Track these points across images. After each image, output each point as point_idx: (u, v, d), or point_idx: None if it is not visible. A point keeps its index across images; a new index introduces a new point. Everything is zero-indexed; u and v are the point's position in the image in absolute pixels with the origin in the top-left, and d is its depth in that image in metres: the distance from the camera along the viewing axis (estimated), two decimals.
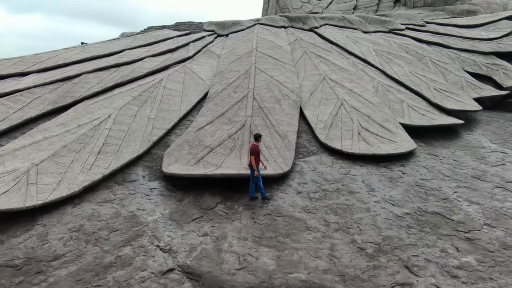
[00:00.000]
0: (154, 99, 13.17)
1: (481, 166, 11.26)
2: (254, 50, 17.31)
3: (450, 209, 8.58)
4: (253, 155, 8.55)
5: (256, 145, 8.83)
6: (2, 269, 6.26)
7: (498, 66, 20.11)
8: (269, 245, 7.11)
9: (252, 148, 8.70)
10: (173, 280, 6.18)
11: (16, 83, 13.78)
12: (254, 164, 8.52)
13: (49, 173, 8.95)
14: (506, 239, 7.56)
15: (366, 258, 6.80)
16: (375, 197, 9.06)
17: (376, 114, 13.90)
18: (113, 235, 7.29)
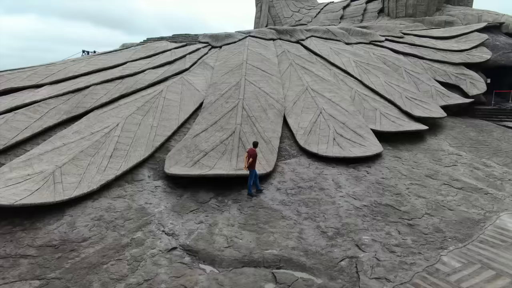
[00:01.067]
0: (155, 109, 15.03)
1: (436, 167, 13.27)
2: (245, 63, 19.21)
3: (400, 202, 10.56)
4: (252, 158, 10.52)
5: (254, 150, 10.79)
6: (44, 248, 8.10)
7: (466, 75, 22.23)
8: (251, 229, 9.02)
9: (251, 152, 10.67)
10: (176, 256, 8.06)
11: (33, 95, 15.56)
12: (252, 164, 10.52)
13: (71, 174, 10.78)
14: (439, 224, 9.54)
15: (326, 239, 8.74)
16: (341, 192, 11.01)
17: (351, 121, 15.88)
18: (127, 223, 9.15)
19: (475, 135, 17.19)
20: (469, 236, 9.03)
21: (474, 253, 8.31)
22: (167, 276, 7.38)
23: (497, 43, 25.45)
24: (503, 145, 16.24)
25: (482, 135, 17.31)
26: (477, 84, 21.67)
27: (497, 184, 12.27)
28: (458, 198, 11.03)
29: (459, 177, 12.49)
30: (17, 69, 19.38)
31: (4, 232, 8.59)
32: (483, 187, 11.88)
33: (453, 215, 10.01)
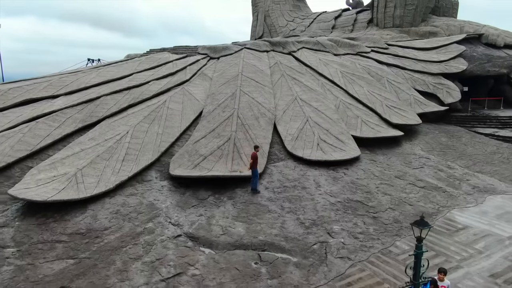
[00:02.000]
0: (160, 117, 16.96)
1: (405, 169, 15.24)
2: (240, 74, 21.17)
3: (369, 198, 12.51)
4: (253, 159, 12.49)
5: (255, 153, 12.77)
6: (73, 235, 9.99)
7: (443, 85, 24.26)
8: (242, 221, 10.95)
9: (252, 154, 12.64)
10: (181, 241, 9.97)
11: (50, 105, 17.46)
12: (253, 165, 12.47)
13: (90, 175, 12.68)
14: (399, 217, 11.49)
15: (303, 228, 10.67)
16: (319, 191, 12.95)
17: (334, 128, 17.84)
18: (140, 215, 11.06)
19: (446, 140, 19.17)
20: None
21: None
22: (174, 256, 9.30)
23: (474, 54, 27.49)
24: (469, 149, 18.23)
25: (452, 140, 19.30)
26: (452, 93, 23.69)
27: (455, 184, 14.24)
28: (419, 196, 12.99)
29: (423, 178, 14.45)
30: (32, 79, 21.33)
31: (40, 223, 10.49)
32: (443, 186, 13.85)
33: (411, 209, 11.97)
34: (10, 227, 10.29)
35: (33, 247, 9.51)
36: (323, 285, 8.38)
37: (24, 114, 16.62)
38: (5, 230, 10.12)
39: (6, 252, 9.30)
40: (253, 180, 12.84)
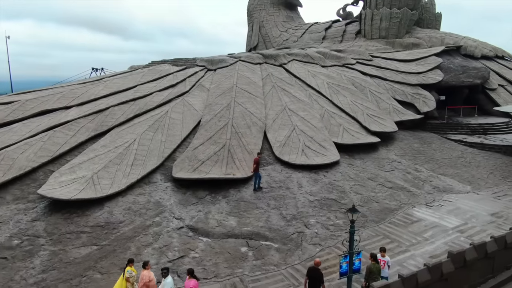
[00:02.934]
0: (163, 126, 19.12)
1: (377, 172, 17.46)
2: (235, 86, 23.38)
3: (342, 197, 14.71)
4: (255, 164, 14.68)
5: (257, 158, 15.00)
6: (94, 227, 12.12)
7: (420, 95, 26.56)
8: (234, 215, 13.11)
9: (255, 160, 15.00)
10: (183, 232, 12.12)
11: (65, 115, 19.58)
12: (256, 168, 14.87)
13: (104, 178, 14.81)
14: (366, 212, 13.67)
15: (285, 221, 12.85)
16: (301, 190, 15.13)
17: (318, 135, 20.06)
18: (148, 211, 13.20)
19: (418, 146, 21.43)
20: (383, 219, 13.21)
21: (382, 229, 12.47)
22: (178, 243, 11.45)
23: (451, 65, 29.84)
24: (437, 154, 20.48)
25: (424, 146, 21.55)
26: (428, 103, 25.99)
27: (419, 185, 16.48)
28: (385, 195, 15.21)
29: (392, 179, 16.67)
30: (43, 89, 23.51)
31: (65, 217, 12.61)
32: (407, 187, 16.08)
33: (377, 206, 14.18)
34: (41, 221, 12.41)
35: (62, 236, 11.64)
36: (297, 264, 10.56)
37: (42, 123, 18.74)
38: (37, 223, 12.24)
39: (41, 240, 11.42)
40: (255, 180, 15.09)
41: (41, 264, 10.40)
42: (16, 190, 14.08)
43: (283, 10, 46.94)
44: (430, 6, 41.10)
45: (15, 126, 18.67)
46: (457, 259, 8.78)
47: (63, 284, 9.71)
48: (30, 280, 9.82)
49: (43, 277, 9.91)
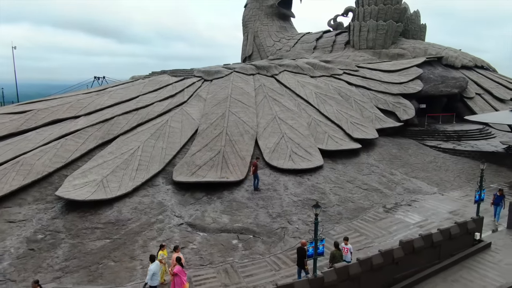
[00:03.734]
0: (164, 135, 21.10)
1: (356, 175, 19.53)
2: (229, 97, 25.42)
3: (322, 198, 16.74)
4: (254, 167, 16.69)
5: (255, 162, 16.99)
6: (106, 224, 14.06)
7: (401, 104, 28.73)
8: (227, 213, 15.11)
9: (253, 163, 17.08)
10: (183, 227, 14.09)
11: (74, 124, 21.52)
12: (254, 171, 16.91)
13: (113, 181, 16.76)
14: (342, 210, 15.70)
15: (271, 218, 14.86)
16: (287, 192, 17.15)
17: (304, 142, 22.11)
18: (152, 210, 15.16)
19: (396, 152, 23.53)
20: (356, 216, 15.26)
21: (354, 225, 14.52)
22: (179, 237, 13.43)
23: (431, 76, 32.06)
24: (412, 159, 22.59)
25: (401, 151, 23.66)
26: (408, 111, 28.15)
27: (392, 187, 18.56)
28: (361, 196, 17.27)
29: (368, 182, 18.74)
30: (50, 99, 25.44)
31: (81, 216, 14.55)
32: (381, 188, 18.15)
33: (352, 205, 16.23)
34: (60, 218, 14.35)
35: (79, 231, 13.59)
36: (279, 253, 12.57)
37: (54, 132, 20.67)
38: (57, 221, 14.19)
39: (61, 235, 13.36)
40: (254, 181, 17.10)
41: (63, 254, 12.35)
42: (36, 192, 16.02)
43: (276, 21, 49.14)
44: (415, 18, 43.44)
45: (30, 134, 20.58)
46: (406, 246, 10.82)
47: (83, 270, 11.67)
48: (55, 267, 11.77)
49: (66, 265, 11.86)
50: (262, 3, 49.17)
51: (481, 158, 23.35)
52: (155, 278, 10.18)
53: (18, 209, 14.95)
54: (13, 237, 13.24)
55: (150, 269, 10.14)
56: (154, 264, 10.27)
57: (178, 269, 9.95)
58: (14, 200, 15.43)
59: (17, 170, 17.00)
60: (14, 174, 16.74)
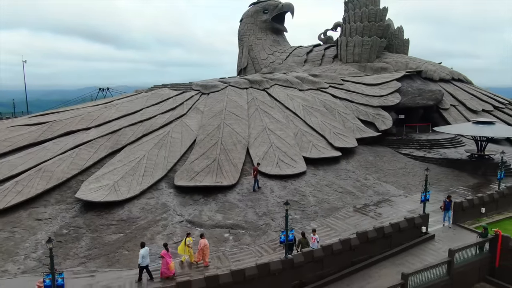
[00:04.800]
0: (166, 144, 23.91)
1: (334, 180, 22.38)
2: (224, 110, 28.29)
3: (302, 199, 19.57)
4: (255, 171, 19.54)
5: (256, 167, 19.82)
6: (119, 221, 16.82)
7: (380, 115, 31.68)
8: (221, 212, 17.90)
9: (254, 168, 19.97)
10: (183, 224, 16.87)
11: (86, 135, 24.30)
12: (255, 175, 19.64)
13: (123, 186, 19.53)
14: (318, 210, 18.53)
15: (257, 216, 17.66)
16: (272, 194, 19.95)
17: (290, 151, 24.97)
18: (157, 210, 17.93)
19: (372, 159, 26.41)
20: (329, 215, 18.10)
21: (327, 222, 17.35)
22: (180, 231, 16.21)
23: (410, 89, 35.08)
24: (385, 165, 25.48)
25: (376, 158, 26.54)
26: (386, 122, 31.10)
27: (364, 190, 21.41)
28: (336, 198, 20.11)
29: (344, 186, 21.59)
30: (62, 111, 28.25)
31: (97, 214, 17.29)
32: (354, 192, 21.00)
33: (327, 205, 19.07)
34: (80, 217, 17.10)
35: (97, 227, 16.35)
36: (262, 244, 15.38)
37: (69, 142, 23.45)
38: (78, 218, 16.94)
39: (82, 230, 16.11)
40: (254, 184, 20.10)
41: (85, 245, 15.11)
42: (57, 195, 18.77)
43: (270, 35, 52.27)
44: (398, 33, 46.61)
45: (47, 144, 23.36)
46: (361, 236, 13.65)
47: (103, 257, 14.43)
48: (80, 255, 14.52)
49: (89, 253, 14.62)
50: (257, 18, 52.33)
51: (447, 165, 26.33)
52: (144, 259, 12.91)
53: (43, 209, 17.70)
54: (42, 232, 15.99)
55: (140, 253, 12.90)
56: (143, 249, 12.97)
57: (164, 253, 12.79)
58: (39, 202, 18.18)
59: (40, 176, 19.77)
60: (38, 180, 19.50)
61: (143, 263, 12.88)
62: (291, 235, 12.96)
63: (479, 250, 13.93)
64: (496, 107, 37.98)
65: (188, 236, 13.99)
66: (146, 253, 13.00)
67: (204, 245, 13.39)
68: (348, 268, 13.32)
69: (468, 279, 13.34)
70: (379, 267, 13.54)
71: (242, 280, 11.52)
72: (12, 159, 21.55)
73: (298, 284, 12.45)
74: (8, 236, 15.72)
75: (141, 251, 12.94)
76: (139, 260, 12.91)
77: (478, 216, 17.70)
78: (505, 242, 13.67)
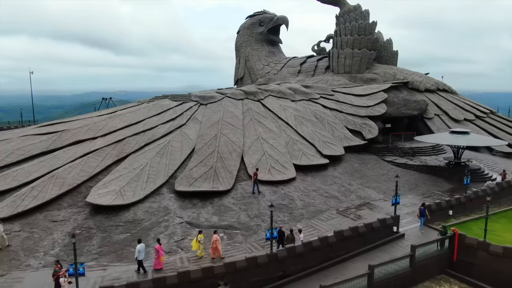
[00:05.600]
0: (167, 153, 26.00)
1: (321, 185, 24.48)
2: (221, 120, 30.44)
3: (291, 203, 21.65)
4: (255, 177, 21.61)
5: (256, 172, 21.92)
6: (126, 222, 18.82)
7: (366, 125, 33.88)
8: (217, 215, 19.96)
9: (254, 173, 22.07)
10: (183, 225, 18.92)
11: (93, 144, 26.37)
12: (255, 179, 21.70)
13: (128, 191, 21.57)
14: (304, 212, 20.61)
15: (249, 218, 19.73)
16: (264, 199, 22.02)
17: (282, 158, 27.09)
18: (159, 213, 19.97)
19: (357, 166, 28.55)
20: (314, 216, 20.18)
21: (311, 223, 19.44)
22: (180, 232, 18.26)
23: (395, 99, 37.33)
24: (369, 172, 27.61)
25: (361, 165, 28.68)
26: (372, 131, 33.29)
27: (347, 194, 23.51)
28: (321, 201, 22.21)
29: (329, 191, 23.69)
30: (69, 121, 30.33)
31: (106, 217, 19.32)
32: (338, 196, 23.10)
33: (313, 208, 21.16)
34: (90, 219, 19.13)
35: (106, 228, 18.38)
36: (253, 242, 17.43)
37: (78, 151, 25.51)
38: (88, 220, 18.97)
39: (93, 230, 18.14)
40: (254, 187, 22.31)
41: (97, 243, 17.14)
42: (69, 199, 20.81)
43: (266, 46, 54.66)
44: (388, 45, 49.11)
45: (58, 153, 25.42)
46: (338, 234, 15.73)
47: (113, 253, 16.46)
48: (93, 251, 16.55)
49: (101, 250, 16.65)
50: (253, 30, 54.76)
51: (426, 171, 28.48)
52: (140, 254, 14.96)
53: (57, 212, 19.74)
54: (58, 232, 18.02)
55: (137, 248, 14.94)
56: (139, 245, 15.02)
57: (158, 247, 14.88)
58: (53, 205, 20.21)
59: (53, 182, 21.82)
60: (51, 186, 21.55)
61: (139, 257, 14.92)
62: (275, 233, 15.03)
63: (440, 246, 16.00)
64: (478, 116, 40.26)
65: (200, 234, 16.13)
66: (142, 249, 15.04)
67: (216, 240, 15.55)
68: (326, 262, 15.37)
69: (429, 271, 15.37)
70: (354, 262, 15.60)
71: (234, 271, 13.56)
72: (26, 166, 23.60)
73: (282, 275, 14.49)
74: (27, 235, 17.75)
75: (138, 246, 14.99)
76: (135, 254, 14.95)
77: (447, 217, 19.80)
78: (461, 239, 15.74)
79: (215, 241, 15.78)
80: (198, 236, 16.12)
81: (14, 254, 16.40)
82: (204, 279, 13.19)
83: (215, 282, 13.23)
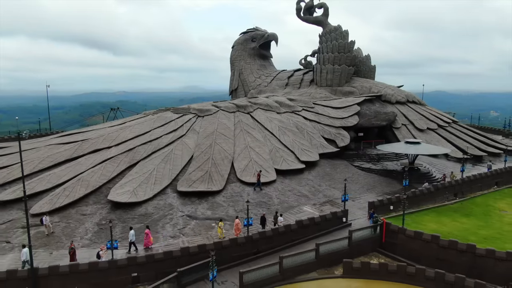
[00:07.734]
0: (170, 160, 31.58)
1: (296, 187, 30.12)
2: (215, 131, 36.04)
3: (269, 200, 27.27)
4: (258, 177, 27.36)
5: (259, 173, 27.54)
6: (139, 215, 24.41)
7: (340, 134, 39.53)
8: (210, 210, 25.57)
9: (258, 174, 27.72)
10: (184, 217, 24.52)
11: (109, 153, 31.94)
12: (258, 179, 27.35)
13: (140, 191, 27.14)
14: (279, 208, 26.26)
15: (236, 212, 25.32)
16: (248, 197, 27.61)
17: (265, 164, 32.69)
18: (165, 208, 25.54)
19: (329, 170, 34.16)
20: (286, 211, 25.81)
21: (284, 215, 25.07)
22: (182, 222, 23.89)
23: (367, 111, 42.99)
24: (337, 175, 33.22)
25: (332, 170, 34.29)
26: (344, 139, 38.93)
27: (316, 193, 29.13)
28: (293, 199, 27.84)
29: (301, 191, 29.31)
30: (84, 131, 35.88)
31: (123, 212, 24.88)
32: (308, 195, 28.72)
33: (286, 205, 26.80)
34: (112, 213, 24.71)
35: (125, 219, 23.96)
36: None
37: (97, 158, 31.09)
38: (111, 214, 24.55)
39: (115, 221, 23.71)
40: (256, 185, 27.76)
41: (119, 231, 22.73)
42: (94, 198, 26.38)
43: (257, 60, 60.30)
44: (366, 60, 54.74)
45: (80, 160, 30.98)
46: (299, 223, 21.35)
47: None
48: (116, 236, 22.13)
49: (122, 235, 22.25)
50: (246, 45, 60.37)
51: (384, 175, 34.11)
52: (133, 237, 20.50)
53: (85, 207, 25.31)
54: (87, 223, 23.60)
55: (130, 233, 20.51)
56: (131, 231, 20.60)
57: (147, 231, 20.47)
58: (82, 203, 25.78)
59: (80, 184, 27.41)
60: (79, 187, 27.14)
61: (132, 239, 20.52)
62: (251, 221, 20.65)
63: (373, 231, 21.59)
64: (440, 126, 45.97)
65: (221, 221, 21.98)
66: (133, 233, 20.61)
67: (238, 223, 21.49)
68: (289, 243, 20.96)
69: (363, 249, 20.92)
70: (309, 243, 21.20)
71: (220, 248, 19.15)
72: (56, 171, 29.17)
73: (256, 252, 20.07)
74: (65, 225, 23.32)
75: (131, 231, 20.60)
76: (129, 237, 20.52)
77: (388, 212, 25.43)
78: (388, 226, 21.32)
79: (237, 224, 21.57)
80: (219, 223, 21.85)
81: (58, 238, 21.98)
82: (199, 253, 18.75)
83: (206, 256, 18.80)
